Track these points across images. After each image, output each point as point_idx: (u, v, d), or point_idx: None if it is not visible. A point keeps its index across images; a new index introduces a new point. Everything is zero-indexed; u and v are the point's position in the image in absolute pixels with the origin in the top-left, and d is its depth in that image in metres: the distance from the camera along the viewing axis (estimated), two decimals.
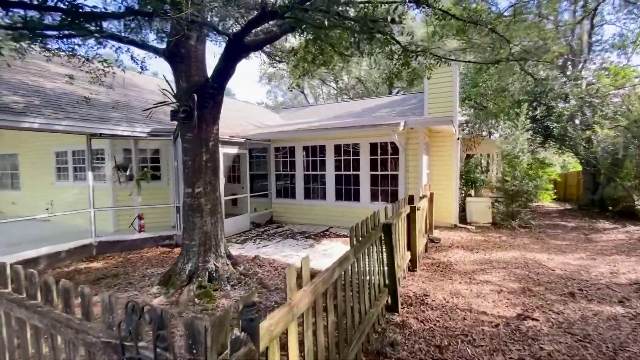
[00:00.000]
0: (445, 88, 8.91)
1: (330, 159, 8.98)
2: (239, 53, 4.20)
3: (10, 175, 11.71)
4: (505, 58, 4.91)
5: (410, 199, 5.44)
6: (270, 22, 4.31)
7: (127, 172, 4.15)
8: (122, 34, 3.89)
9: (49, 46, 4.38)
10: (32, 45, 4.33)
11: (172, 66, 4.37)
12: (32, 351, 1.97)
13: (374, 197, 8.55)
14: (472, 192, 12.58)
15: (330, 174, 9.01)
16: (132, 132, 6.37)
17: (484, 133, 19.90)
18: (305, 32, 4.33)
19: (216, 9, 3.73)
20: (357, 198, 8.71)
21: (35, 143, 9.95)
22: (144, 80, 12.11)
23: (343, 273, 2.59)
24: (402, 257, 4.82)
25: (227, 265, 4.65)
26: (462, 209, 10.15)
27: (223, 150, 8.08)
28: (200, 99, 4.36)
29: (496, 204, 9.94)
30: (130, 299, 4.19)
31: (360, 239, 3.11)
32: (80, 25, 2.98)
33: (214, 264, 4.49)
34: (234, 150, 8.59)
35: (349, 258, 2.64)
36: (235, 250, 6.77)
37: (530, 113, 11.24)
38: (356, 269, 2.96)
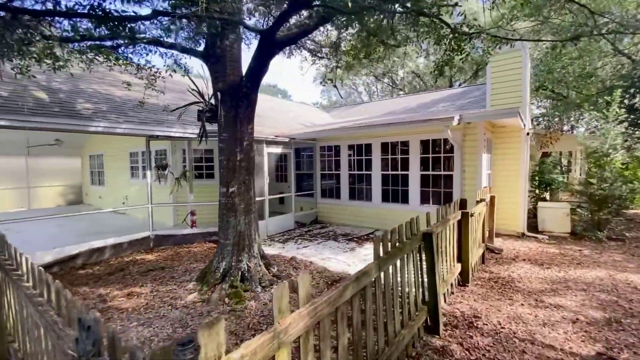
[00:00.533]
0: (512, 76, 7.77)
1: (376, 158, 8.50)
2: (271, 50, 4.08)
3: (98, 173, 13.52)
4: (589, 31, 3.92)
5: (462, 203, 4.77)
6: (304, 14, 4.11)
7: (166, 172, 4.35)
8: (162, 39, 4.04)
9: (104, 56, 4.76)
10: (98, 57, 4.79)
11: (208, 67, 4.44)
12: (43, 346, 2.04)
13: (424, 199, 7.85)
14: (547, 195, 10.88)
15: (376, 174, 8.53)
16: (183, 133, 6.76)
17: (565, 127, 17.23)
18: (339, 21, 4.05)
19: (247, 4, 3.65)
20: (405, 200, 8.10)
21: (116, 145, 11.32)
22: (199, 83, 13.00)
23: (363, 289, 2.25)
24: (450, 270, 4.23)
25: (260, 266, 4.58)
26: (534, 215, 8.80)
27: (268, 149, 8.18)
28: (234, 98, 4.35)
29: (578, 210, 8.41)
30: (170, 292, 4.44)
31: (390, 249, 2.73)
32: (118, 32, 3.14)
33: (247, 264, 4.46)
34: (278, 150, 8.64)
35: (369, 273, 2.29)
36: (275, 249, 6.77)
37: (626, 102, 9.27)
38: (383, 283, 2.59)
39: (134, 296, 4.28)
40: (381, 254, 2.58)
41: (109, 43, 4.38)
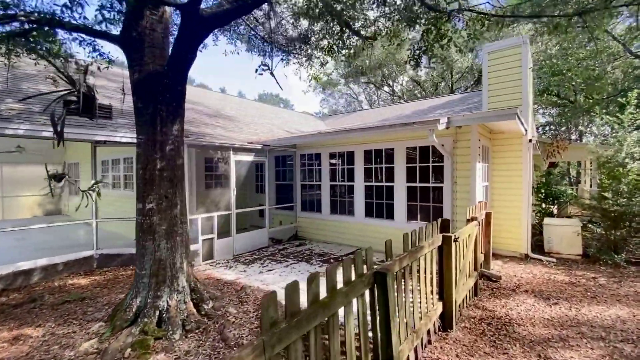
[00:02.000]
0: (511, 75, 6.85)
1: (359, 167, 7.56)
2: (196, 31, 3.24)
3: (75, 182, 12.77)
4: (599, 3, 3.02)
5: (444, 225, 3.80)
6: None
7: (61, 183, 3.49)
8: (61, 18, 3.22)
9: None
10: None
11: (125, 54, 3.60)
12: None
13: (411, 214, 6.86)
14: (555, 210, 9.79)
15: (359, 185, 7.58)
16: (132, 138, 5.92)
17: (573, 137, 16.17)
18: None
19: None
20: (390, 215, 7.11)
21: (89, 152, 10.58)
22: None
23: None
24: (425, 313, 3.23)
25: (186, 303, 3.63)
26: (540, 232, 7.72)
27: (236, 157, 7.31)
28: (152, 92, 3.49)
29: (590, 226, 7.33)
30: (67, 336, 3.44)
31: (309, 307, 1.78)
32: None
33: (167, 302, 3.51)
34: (250, 158, 7.76)
35: None
36: (234, 273, 5.82)
37: None
38: None
39: (19, 341, 3.35)
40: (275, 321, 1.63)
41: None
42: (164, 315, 3.45)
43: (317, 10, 4.68)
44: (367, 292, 2.37)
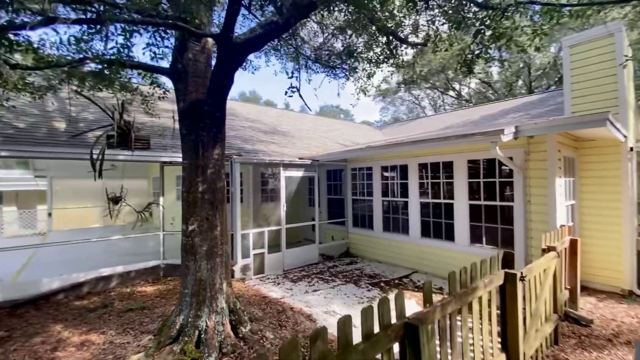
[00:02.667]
0: (602, 71, 5.65)
1: (413, 182, 7.00)
2: (231, 57, 3.31)
3: (157, 194, 14.52)
4: None
5: (507, 259, 3.18)
6: (270, 9, 3.26)
7: (118, 206, 3.85)
8: (124, 57, 3.61)
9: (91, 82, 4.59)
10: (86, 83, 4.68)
11: (173, 85, 3.87)
12: None
13: (475, 237, 6.05)
14: None
15: (414, 201, 7.01)
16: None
17: None
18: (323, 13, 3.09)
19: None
20: (450, 236, 6.38)
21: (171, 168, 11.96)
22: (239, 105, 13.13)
23: None
24: None
25: (223, 325, 3.66)
26: None
27: (286, 173, 7.41)
28: (195, 119, 3.67)
29: None
30: (122, 346, 3.74)
31: None
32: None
33: (206, 322, 3.58)
34: (300, 173, 7.79)
35: None
36: (280, 291, 5.80)
37: None
38: None
39: (85, 346, 3.75)
40: None
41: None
42: (202, 335, 3.52)
43: (359, 23, 4.49)
44: (396, 346, 2.02)
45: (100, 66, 3.84)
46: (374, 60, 5.57)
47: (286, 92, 3.20)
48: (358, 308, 4.97)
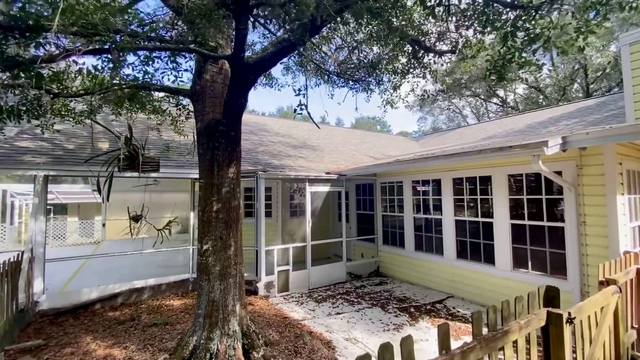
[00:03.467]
0: None
1: (447, 198, 6.49)
2: (244, 77, 3.30)
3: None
4: None
5: (550, 295, 2.69)
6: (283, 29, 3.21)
7: (138, 224, 3.96)
8: (149, 81, 3.79)
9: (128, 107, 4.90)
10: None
11: (193, 106, 3.97)
12: None
13: (519, 261, 5.38)
14: None
15: (448, 219, 6.48)
16: None
17: None
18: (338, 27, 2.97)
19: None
20: (490, 259, 5.76)
21: None
22: (272, 121, 13.40)
23: None
24: None
25: (235, 349, 3.54)
26: None
27: (312, 189, 7.30)
28: (211, 139, 3.70)
29: None
30: None
31: None
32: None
33: (218, 345, 3.49)
34: (325, 188, 7.63)
35: None
36: (302, 311, 5.60)
37: None
38: None
39: None
40: None
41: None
42: (213, 359, 3.43)
43: (379, 34, 4.31)
44: None
45: (127, 90, 4.06)
46: (399, 71, 5.33)
47: (295, 110, 3.11)
48: (382, 336, 4.60)
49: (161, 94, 4.95)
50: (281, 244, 7.10)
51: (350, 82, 5.47)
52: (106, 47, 2.60)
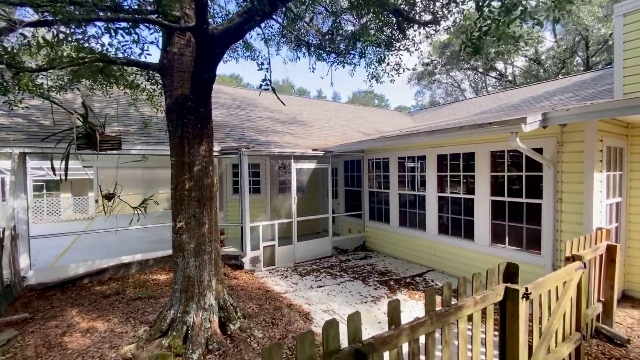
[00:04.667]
0: None
1: (431, 174, 6.49)
2: (210, 49, 3.15)
3: None
4: None
5: (510, 272, 2.75)
6: None
7: (111, 203, 3.94)
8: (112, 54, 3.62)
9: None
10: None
11: (162, 81, 3.83)
12: None
13: (497, 236, 5.48)
14: None
15: (431, 195, 6.51)
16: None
17: None
18: None
19: None
20: (470, 235, 5.85)
21: None
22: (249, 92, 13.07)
23: None
24: None
25: (211, 322, 3.66)
26: None
27: (297, 165, 7.25)
28: (180, 115, 3.60)
29: None
30: (120, 335, 3.94)
31: None
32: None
33: (194, 318, 3.60)
34: (312, 165, 7.59)
35: None
36: (284, 284, 5.75)
37: None
38: None
39: (87, 334, 3.98)
40: None
41: None
42: (189, 331, 3.55)
43: (360, 1, 4.09)
44: None
45: (96, 63, 3.89)
46: (383, 43, 5.12)
47: (260, 86, 2.99)
48: (359, 307, 4.75)
49: (136, 69, 4.75)
50: (269, 220, 7.16)
51: (332, 54, 5.27)
52: (50, 18, 2.44)
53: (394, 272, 6.39)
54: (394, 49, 4.98)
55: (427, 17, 4.51)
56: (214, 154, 5.88)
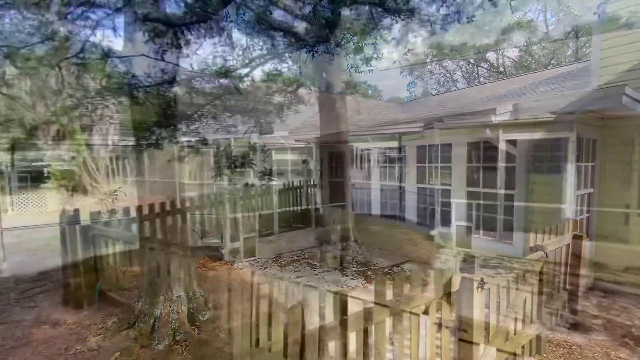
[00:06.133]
0: None
1: (412, 165, 6.50)
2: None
3: None
4: None
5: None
6: None
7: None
8: None
9: None
10: None
11: None
12: None
13: (472, 227, 5.53)
14: None
15: (411, 187, 6.54)
16: None
17: None
18: None
19: None
20: (447, 225, 5.90)
21: None
22: None
23: None
24: None
25: (178, 313, 3.66)
26: None
27: (277, 157, 7.20)
28: None
29: None
30: (93, 324, 4.01)
31: None
32: None
33: (161, 310, 3.60)
34: (293, 157, 7.55)
35: None
36: (264, 275, 5.77)
37: None
38: None
39: (57, 325, 3.96)
40: None
41: None
42: (156, 323, 3.55)
43: None
44: None
45: None
46: (360, 32, 5.05)
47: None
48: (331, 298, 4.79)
49: None
50: (245, 213, 7.14)
51: (306, 43, 5.18)
52: None
53: (372, 263, 6.43)
54: (371, 37, 4.91)
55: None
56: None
